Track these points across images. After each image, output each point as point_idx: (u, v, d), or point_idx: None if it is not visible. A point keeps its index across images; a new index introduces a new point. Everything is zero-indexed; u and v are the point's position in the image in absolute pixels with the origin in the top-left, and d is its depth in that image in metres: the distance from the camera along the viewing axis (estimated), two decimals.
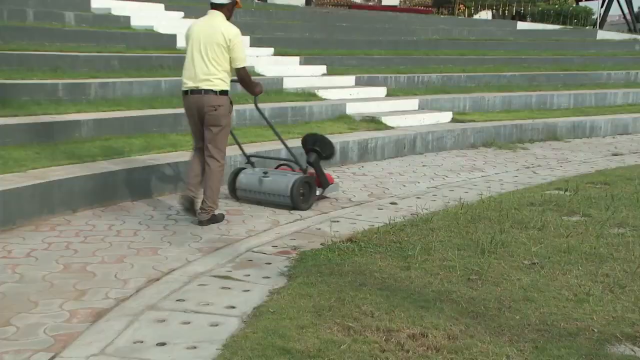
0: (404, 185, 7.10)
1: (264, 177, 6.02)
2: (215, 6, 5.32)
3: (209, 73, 5.15)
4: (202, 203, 5.34)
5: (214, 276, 4.04)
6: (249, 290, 3.76)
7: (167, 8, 13.04)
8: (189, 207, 5.37)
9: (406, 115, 9.95)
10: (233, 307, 3.50)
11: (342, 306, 3.43)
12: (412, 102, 10.72)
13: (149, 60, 9.69)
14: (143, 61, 9.61)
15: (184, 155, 6.64)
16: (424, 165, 8.32)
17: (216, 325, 3.26)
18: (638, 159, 9.07)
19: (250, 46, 11.94)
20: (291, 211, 5.83)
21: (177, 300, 3.61)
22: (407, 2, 29.52)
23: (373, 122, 9.43)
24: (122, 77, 8.75)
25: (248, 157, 6.35)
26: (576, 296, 3.61)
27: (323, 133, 8.41)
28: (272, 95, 9.60)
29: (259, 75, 10.43)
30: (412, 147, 9.09)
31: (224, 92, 5.22)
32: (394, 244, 4.55)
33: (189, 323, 3.29)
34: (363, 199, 6.44)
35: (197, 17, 13.59)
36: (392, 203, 6.16)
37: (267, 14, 15.03)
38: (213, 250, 4.63)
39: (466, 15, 24.26)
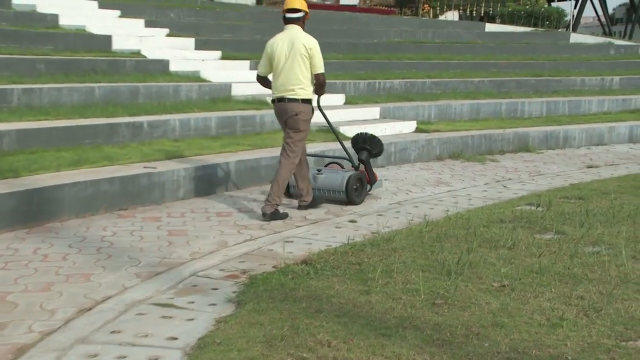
0: (364, 202, 7.15)
1: (317, 174, 6.93)
2: (291, 20, 6.39)
3: (294, 83, 6.25)
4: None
5: (154, 304, 4.00)
6: (192, 319, 3.74)
7: (101, 6, 12.93)
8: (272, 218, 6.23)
9: (366, 124, 10.05)
10: (175, 339, 3.47)
11: (296, 335, 3.44)
12: (373, 111, 10.85)
13: (80, 63, 9.59)
14: (73, 65, 9.51)
15: (121, 169, 6.59)
16: (385, 180, 8.40)
17: (156, 359, 3.24)
18: (614, 171, 9.33)
19: (195, 49, 11.94)
20: (344, 206, 6.41)
21: (112, 332, 3.57)
22: (367, 2, 29.88)
23: (331, 132, 9.48)
24: (50, 82, 8.64)
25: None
26: (549, 321, 3.69)
27: (275, 144, 8.46)
28: (219, 104, 9.62)
29: (204, 81, 10.43)
30: (373, 160, 9.17)
31: (306, 101, 6.31)
32: (353, 265, 4.58)
33: (125, 358, 3.25)
34: (319, 217, 6.46)
35: (134, 15, 13.61)
36: (351, 221, 6.20)
37: (213, 13, 15.03)
38: (153, 275, 4.59)
39: (431, 16, 24.67)
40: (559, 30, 23.01)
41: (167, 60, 10.76)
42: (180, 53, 11.46)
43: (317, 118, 6.91)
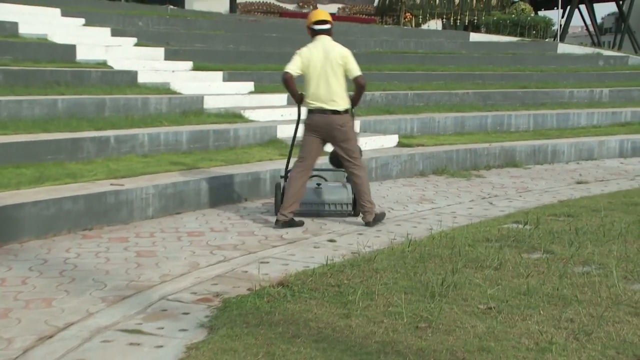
0: (344, 220, 7.17)
1: (318, 188, 7.09)
2: (321, 32, 6.77)
3: (333, 94, 6.59)
4: (362, 207, 6.74)
5: (121, 330, 3.97)
6: (162, 346, 3.72)
7: (64, 14, 12.91)
8: (285, 226, 6.62)
9: (377, 137, 10.10)
10: None
11: None
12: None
13: (42, 75, 9.55)
14: (35, 76, 9.46)
15: (85, 187, 6.55)
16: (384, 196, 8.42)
17: None
18: (604, 187, 9.44)
19: (165, 59, 11.94)
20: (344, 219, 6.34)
21: None
22: (347, 10, 30.10)
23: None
24: (9, 94, 8.58)
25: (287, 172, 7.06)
26: (537, 345, 3.72)
27: (250, 160, 8.48)
28: (191, 117, 9.61)
29: (175, 93, 10.42)
30: (386, 172, 9.24)
31: (346, 110, 6.70)
32: (332, 287, 4.59)
33: None
34: (296, 236, 6.46)
35: (100, 24, 13.59)
36: (330, 240, 6.21)
37: (184, 22, 15.05)
38: (120, 300, 4.56)
39: (413, 25, 24.88)
40: (546, 40, 23.33)
41: (135, 71, 10.74)
42: (149, 64, 11.45)
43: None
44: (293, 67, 6.63)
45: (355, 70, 6.68)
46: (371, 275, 4.87)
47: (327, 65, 6.60)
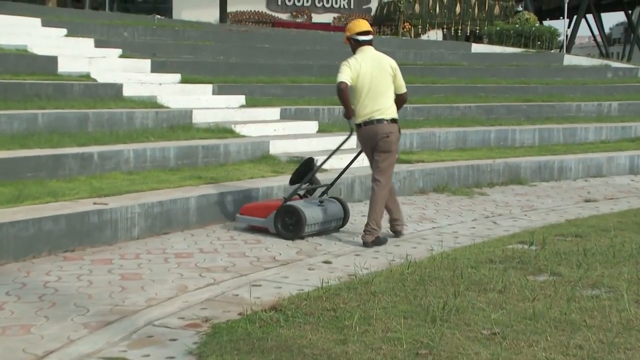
0: (340, 240, 7.17)
1: (321, 205, 7.29)
2: (366, 42, 7.05)
3: (383, 104, 6.88)
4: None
5: (104, 358, 3.96)
6: None
7: (44, 24, 12.97)
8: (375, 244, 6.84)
9: (342, 155, 10.03)
10: None
11: None
12: (349, 140, 10.89)
13: (22, 88, 9.56)
14: (14, 89, 9.48)
15: (67, 206, 6.55)
16: (363, 215, 8.41)
17: None
18: (614, 206, 9.47)
19: (151, 72, 11.98)
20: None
21: None
22: (342, 20, 30.26)
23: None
24: None
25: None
26: None
27: (241, 177, 8.48)
28: (179, 132, 9.63)
29: (162, 107, 10.44)
30: (350, 194, 9.22)
31: (395, 120, 6.95)
32: (328, 312, 4.58)
33: None
34: (290, 257, 6.46)
35: (83, 34, 13.65)
36: (325, 262, 6.21)
37: (172, 32, 15.12)
38: (103, 325, 4.54)
39: (412, 36, 25.01)
40: (552, 51, 23.44)
41: (120, 84, 10.77)
42: (135, 76, 11.48)
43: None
44: (346, 77, 6.79)
45: (403, 86, 7.12)
46: (369, 298, 4.86)
47: (378, 75, 6.88)
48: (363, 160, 10.16)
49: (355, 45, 7.05)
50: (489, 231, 7.70)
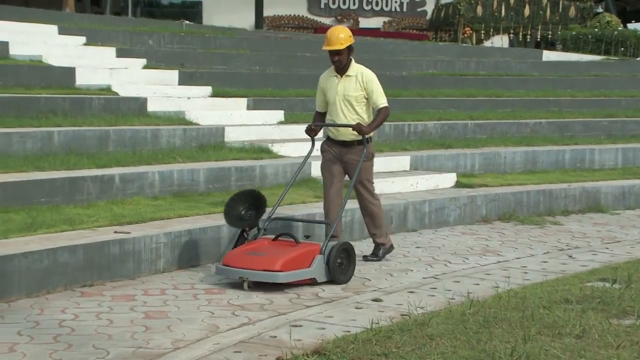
0: (391, 275, 7.17)
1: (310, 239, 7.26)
2: None
3: None
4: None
5: None
6: None
7: (61, 31, 13.21)
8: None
9: (393, 177, 10.11)
10: None
11: None
12: (401, 160, 10.92)
13: (36, 103, 9.75)
14: (27, 104, 9.67)
15: (85, 235, 6.65)
16: (417, 247, 8.42)
17: None
18: None
19: (179, 84, 12.12)
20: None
21: None
22: (394, 24, 30.34)
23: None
24: None
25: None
26: None
27: (282, 204, 8.51)
28: (209, 152, 9.71)
29: (190, 123, 10.55)
30: (402, 222, 9.22)
31: None
32: (378, 357, 4.57)
33: None
34: (335, 294, 6.47)
35: (103, 43, 13.91)
36: (374, 300, 6.21)
37: (202, 40, 15.29)
38: None
39: (474, 42, 24.97)
40: (638, 59, 23.16)
41: (144, 98, 10.92)
42: (161, 89, 11.63)
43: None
44: None
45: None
46: (425, 342, 4.84)
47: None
48: (417, 184, 10.22)
49: (350, 54, 7.51)
50: (564, 266, 7.62)
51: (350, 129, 7.40)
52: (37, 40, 12.35)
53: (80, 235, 6.67)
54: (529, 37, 26.20)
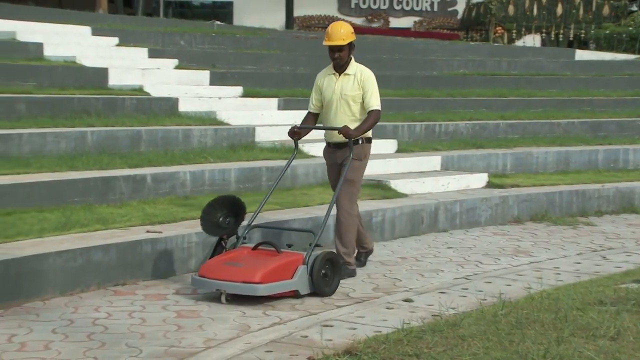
0: (422, 275, 7.16)
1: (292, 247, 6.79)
2: None
3: None
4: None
5: None
6: None
7: (95, 32, 13.31)
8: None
9: (424, 178, 10.09)
10: None
11: None
12: (432, 160, 10.89)
13: (70, 103, 9.83)
14: (61, 105, 9.75)
15: (118, 235, 6.71)
16: (449, 247, 8.39)
17: None
18: None
19: (210, 84, 12.17)
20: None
21: None
22: (424, 24, 30.28)
23: (379, 187, 9.56)
24: (32, 127, 8.85)
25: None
26: None
27: (310, 203, 8.53)
28: (240, 152, 9.74)
29: (221, 123, 10.59)
30: (433, 222, 9.20)
31: None
32: (410, 357, 4.56)
33: None
34: (366, 294, 6.48)
35: (135, 43, 14.01)
36: (405, 300, 6.21)
37: (232, 40, 15.35)
38: None
39: (505, 42, 24.83)
40: None
41: (176, 99, 10.97)
42: (192, 89, 11.68)
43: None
44: None
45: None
46: (457, 343, 4.83)
47: None
48: (449, 184, 10.19)
49: (351, 51, 7.19)
50: (598, 267, 7.57)
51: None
52: (71, 41, 12.46)
53: (113, 234, 6.73)
54: (561, 36, 26.00)
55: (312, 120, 7.50)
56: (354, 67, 7.19)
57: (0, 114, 9.07)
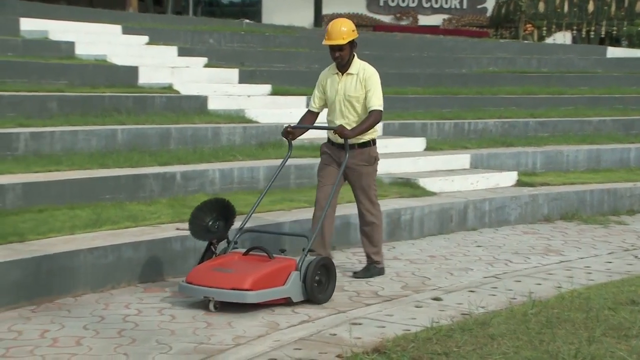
0: (451, 274, 7.14)
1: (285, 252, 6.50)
2: None
3: None
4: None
5: None
6: None
7: (125, 31, 13.41)
8: None
9: (453, 176, 10.06)
10: None
11: None
12: (461, 158, 10.86)
13: (101, 101, 9.91)
14: (92, 103, 9.83)
15: (148, 232, 6.75)
16: (478, 246, 8.36)
17: None
18: None
19: (239, 82, 12.21)
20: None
21: None
22: (454, 22, 30.14)
23: (407, 185, 9.54)
24: (63, 125, 8.94)
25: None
26: None
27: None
28: (269, 150, 9.76)
29: (250, 121, 10.63)
30: (462, 221, 9.16)
31: None
32: (439, 356, 4.56)
33: None
34: (395, 292, 6.47)
35: (165, 42, 14.09)
36: (434, 299, 6.19)
37: (261, 39, 15.39)
38: None
39: (536, 39, 24.72)
40: None
41: (205, 97, 11.02)
42: (221, 87, 11.73)
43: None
44: None
45: None
46: (486, 342, 4.81)
47: None
48: (478, 183, 10.15)
49: (353, 49, 6.95)
50: (629, 267, 7.51)
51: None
52: (101, 40, 12.56)
53: (143, 231, 6.77)
54: (592, 33, 25.82)
55: (311, 119, 7.30)
56: (357, 65, 6.97)
57: (32, 112, 9.16)
